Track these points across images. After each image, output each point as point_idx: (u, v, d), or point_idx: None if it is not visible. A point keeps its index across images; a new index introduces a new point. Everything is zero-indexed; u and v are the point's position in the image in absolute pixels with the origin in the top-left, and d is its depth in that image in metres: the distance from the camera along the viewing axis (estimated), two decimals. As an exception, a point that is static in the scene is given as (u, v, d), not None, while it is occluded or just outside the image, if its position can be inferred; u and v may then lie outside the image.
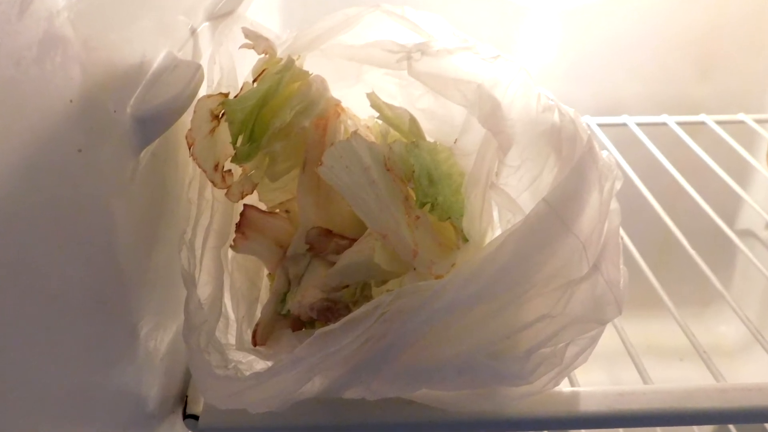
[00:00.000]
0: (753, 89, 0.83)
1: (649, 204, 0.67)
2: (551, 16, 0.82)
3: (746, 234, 0.78)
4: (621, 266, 0.36)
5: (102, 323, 0.34)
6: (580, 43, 0.82)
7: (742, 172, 0.78)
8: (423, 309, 0.33)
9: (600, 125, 0.80)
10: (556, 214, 0.34)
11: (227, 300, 0.42)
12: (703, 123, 0.79)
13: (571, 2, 0.80)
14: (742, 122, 0.79)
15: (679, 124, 0.79)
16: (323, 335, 0.34)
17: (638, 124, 0.80)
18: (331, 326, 0.33)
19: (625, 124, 0.80)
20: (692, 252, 0.62)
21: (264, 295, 0.45)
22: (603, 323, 0.35)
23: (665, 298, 0.56)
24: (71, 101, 0.28)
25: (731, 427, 0.75)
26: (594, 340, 0.35)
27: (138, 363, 0.38)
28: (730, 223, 0.68)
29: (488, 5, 0.80)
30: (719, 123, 0.78)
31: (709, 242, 0.68)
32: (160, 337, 0.41)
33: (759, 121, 0.79)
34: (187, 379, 0.44)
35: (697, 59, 0.82)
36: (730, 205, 0.84)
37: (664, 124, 0.80)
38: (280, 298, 0.41)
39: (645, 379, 0.47)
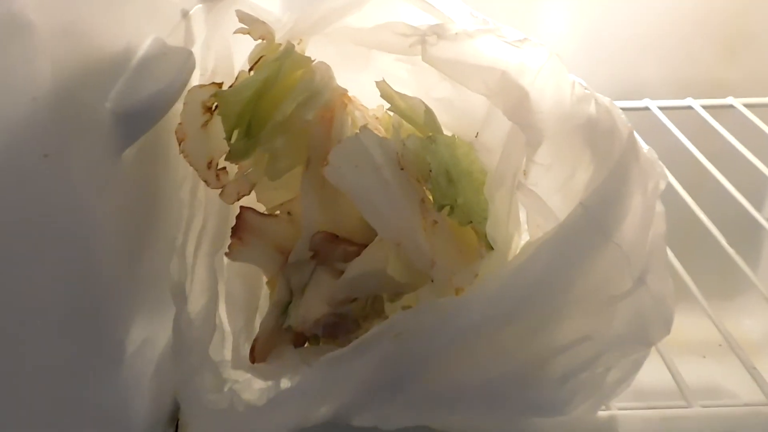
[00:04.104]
0: (785, 69, 0.78)
1: (672, 190, 0.63)
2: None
3: None
4: (668, 278, 0.32)
5: (82, 339, 0.30)
6: (598, 22, 0.78)
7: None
8: (444, 329, 0.30)
9: (621, 109, 0.75)
10: (595, 220, 0.30)
11: (223, 311, 0.38)
12: (730, 106, 0.74)
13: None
14: (773, 105, 0.74)
15: (705, 107, 0.74)
16: (332, 360, 0.30)
17: (661, 108, 0.75)
18: (341, 351, 0.30)
19: (647, 108, 0.76)
20: (723, 241, 0.58)
21: (264, 304, 0.41)
22: (649, 345, 0.31)
23: (695, 290, 0.52)
24: (34, 99, 0.24)
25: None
26: (638, 364, 0.31)
27: (124, 383, 0.35)
28: (759, 210, 0.63)
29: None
30: (748, 106, 0.74)
31: (736, 231, 0.63)
32: (149, 355, 0.37)
33: (791, 105, 0.74)
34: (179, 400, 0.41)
35: (724, 38, 0.77)
36: (758, 192, 0.80)
37: (689, 107, 0.75)
38: (281, 309, 0.38)
39: (683, 389, 0.43)
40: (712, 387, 0.78)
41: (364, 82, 0.40)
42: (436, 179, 0.34)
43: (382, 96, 0.37)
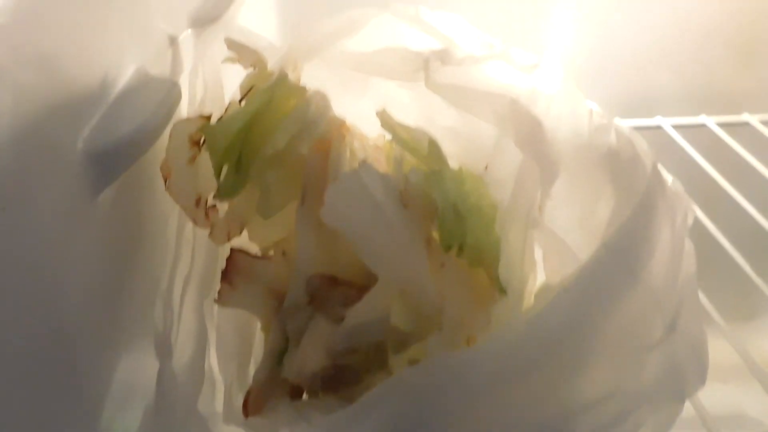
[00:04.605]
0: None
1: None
2: (574, 5, 0.74)
3: None
4: (702, 323, 0.29)
5: (56, 394, 0.27)
6: (607, 34, 0.75)
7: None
8: (456, 386, 0.27)
9: (631, 128, 0.72)
10: (622, 260, 0.27)
11: (213, 361, 0.35)
12: (746, 123, 0.72)
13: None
14: (790, 122, 0.71)
15: (720, 125, 0.71)
16: (335, 422, 0.27)
17: (674, 126, 0.72)
18: (344, 412, 0.27)
19: (659, 127, 0.73)
20: (740, 260, 0.55)
21: (259, 351, 0.38)
22: (683, 398, 0.28)
23: (713, 312, 0.50)
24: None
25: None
26: (671, 420, 0.28)
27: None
28: None
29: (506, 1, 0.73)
30: (764, 123, 0.71)
31: (755, 251, 0.61)
32: (133, 409, 0.34)
33: (811, 121, 0.72)
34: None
35: (739, 51, 0.74)
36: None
37: (703, 125, 0.72)
38: (277, 358, 0.35)
39: (704, 418, 0.41)
40: (736, 414, 0.75)
41: (364, 108, 0.38)
42: (443, 217, 0.31)
43: (383, 126, 0.35)
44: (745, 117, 0.72)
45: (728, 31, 0.73)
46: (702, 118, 0.72)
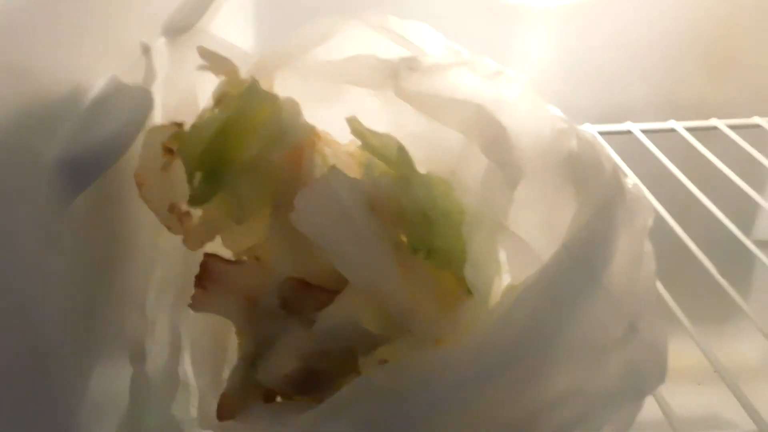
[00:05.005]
0: (768, 90, 0.77)
1: (658, 216, 0.61)
2: (547, 15, 0.75)
3: (764, 245, 0.72)
4: (661, 323, 0.30)
5: (25, 415, 0.27)
6: (579, 43, 0.76)
7: (758, 180, 0.72)
8: (426, 388, 0.27)
9: (602, 133, 0.73)
10: (582, 262, 0.28)
11: (188, 366, 0.36)
12: (714, 128, 0.73)
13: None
14: (757, 126, 0.73)
15: (689, 129, 0.73)
16: (306, 419, 0.27)
17: (643, 131, 0.73)
18: (315, 412, 0.27)
19: (629, 132, 0.74)
20: (708, 265, 0.56)
21: (233, 356, 0.38)
22: (643, 395, 0.29)
23: (681, 315, 0.51)
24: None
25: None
26: (632, 418, 0.29)
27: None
28: (747, 233, 0.61)
29: (480, 6, 0.74)
30: (732, 127, 0.72)
31: (724, 255, 0.62)
32: (108, 421, 0.34)
33: (778, 124, 0.73)
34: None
35: (707, 58, 0.76)
36: (745, 215, 0.78)
37: (672, 130, 0.73)
38: (250, 362, 0.35)
39: (671, 419, 0.41)
40: (710, 416, 0.76)
41: (336, 115, 0.38)
42: (412, 221, 0.32)
43: (353, 133, 0.35)
44: (714, 122, 0.73)
45: (696, 41, 0.75)
46: (671, 123, 0.73)
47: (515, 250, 0.32)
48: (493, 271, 0.32)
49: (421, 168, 0.36)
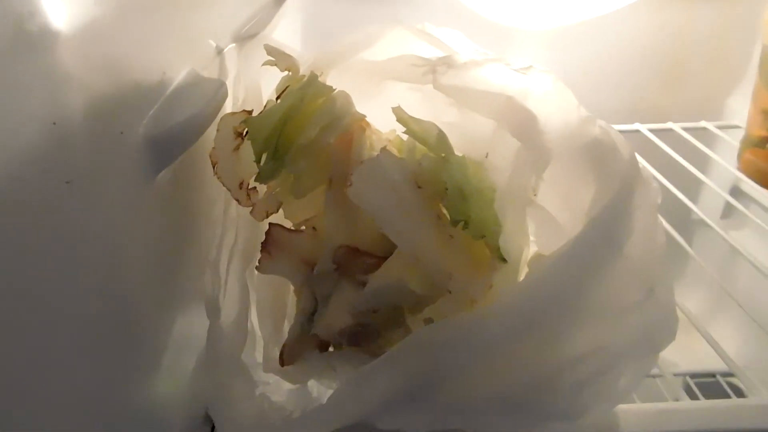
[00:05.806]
0: (714, 98, 0.72)
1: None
2: (535, 37, 0.71)
3: (701, 224, 0.67)
4: (672, 288, 0.25)
5: (118, 348, 0.24)
6: (562, 60, 0.72)
7: (702, 169, 0.67)
8: (465, 343, 0.23)
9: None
10: (607, 235, 0.24)
11: (254, 319, 0.32)
12: (670, 129, 0.69)
13: (553, 23, 0.69)
14: (704, 128, 0.69)
15: (650, 130, 0.68)
16: (363, 375, 0.23)
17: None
18: (371, 366, 0.23)
19: (602, 131, 0.70)
20: (675, 234, 0.52)
21: (292, 312, 0.34)
22: (657, 351, 0.25)
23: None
24: (54, 123, 0.18)
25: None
26: (646, 370, 0.25)
27: (161, 389, 0.28)
28: (687, 213, 0.57)
29: (476, 28, 0.69)
30: (684, 129, 0.68)
31: (681, 227, 0.57)
32: (186, 360, 0.30)
33: (719, 127, 0.68)
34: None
35: (665, 73, 0.71)
36: (693, 194, 0.74)
37: (637, 131, 0.69)
38: (307, 317, 0.31)
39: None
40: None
41: (376, 110, 0.34)
42: (451, 196, 0.28)
43: (398, 120, 0.31)
44: (670, 125, 0.69)
45: (656, 59, 0.71)
46: (636, 125, 0.69)
47: (543, 223, 0.28)
48: (523, 241, 0.28)
49: (457, 152, 0.31)
